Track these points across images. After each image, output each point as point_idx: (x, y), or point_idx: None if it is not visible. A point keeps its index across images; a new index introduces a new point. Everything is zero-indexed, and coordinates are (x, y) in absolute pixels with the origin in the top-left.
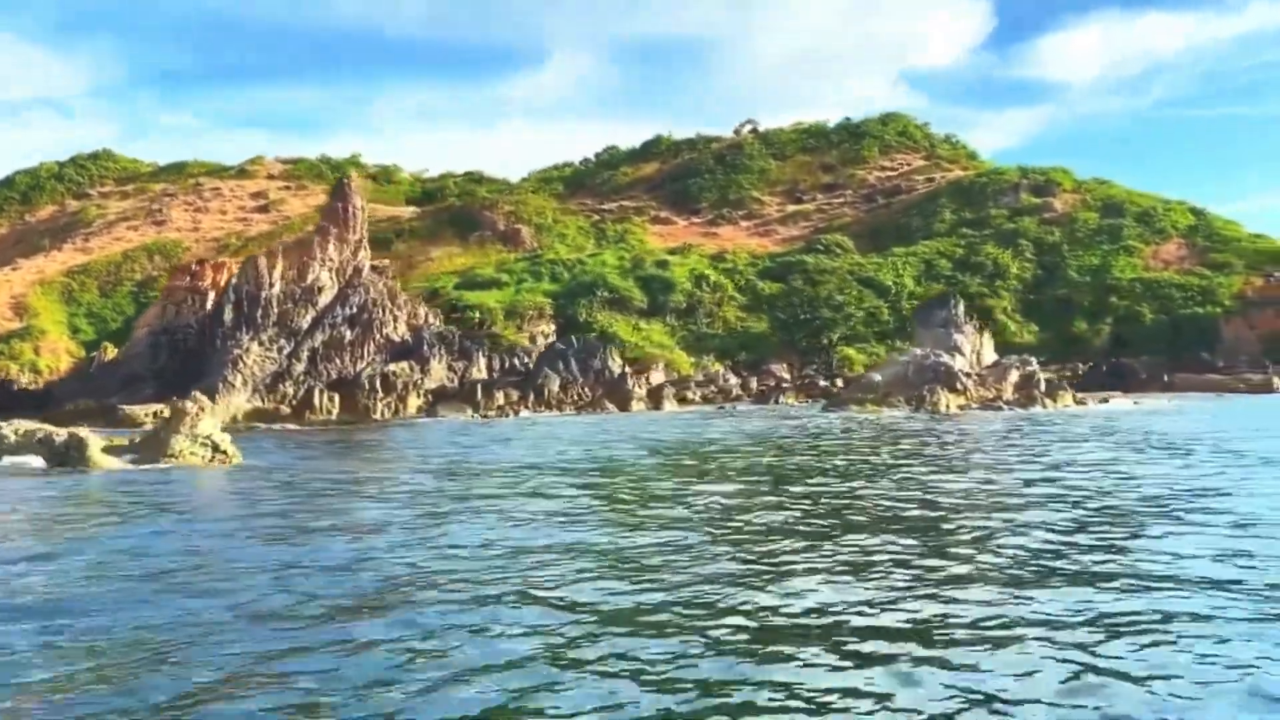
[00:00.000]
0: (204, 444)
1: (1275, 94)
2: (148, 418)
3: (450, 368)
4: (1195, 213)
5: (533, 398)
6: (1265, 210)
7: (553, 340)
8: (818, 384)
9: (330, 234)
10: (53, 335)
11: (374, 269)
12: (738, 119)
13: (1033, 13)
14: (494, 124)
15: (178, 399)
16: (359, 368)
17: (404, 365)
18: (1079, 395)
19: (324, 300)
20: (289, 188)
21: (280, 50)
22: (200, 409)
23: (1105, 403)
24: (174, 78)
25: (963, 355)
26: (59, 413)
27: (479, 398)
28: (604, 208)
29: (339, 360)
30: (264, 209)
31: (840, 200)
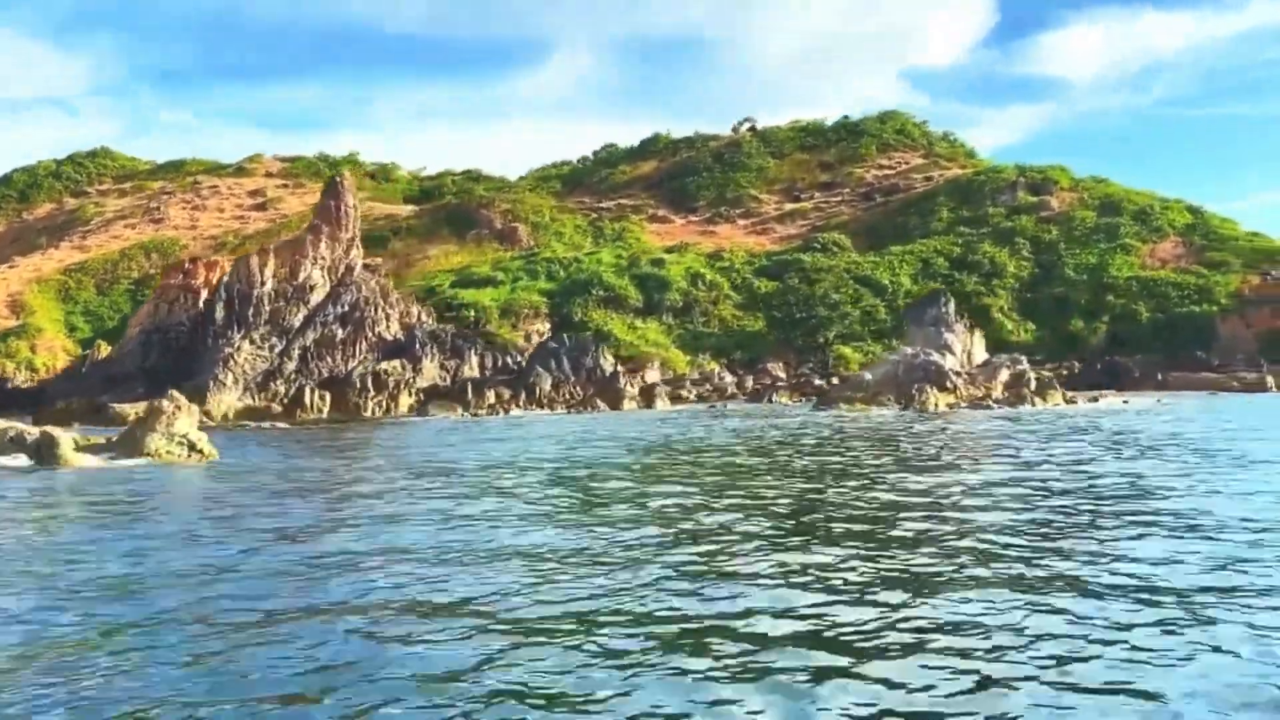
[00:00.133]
0: (180, 443)
1: (1276, 92)
2: (136, 416)
3: (443, 366)
4: (1192, 211)
5: (524, 396)
6: (1265, 209)
7: (546, 338)
8: (813, 383)
9: (323, 232)
10: (49, 333)
11: (366, 267)
12: (738, 118)
13: (1034, 10)
14: (494, 122)
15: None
16: (350, 366)
17: (396, 364)
18: (1069, 394)
19: (316, 298)
20: (287, 186)
21: (281, 48)
22: (177, 408)
23: (1095, 401)
24: (175, 76)
25: (953, 354)
26: (51, 411)
27: (470, 396)
28: (601, 206)
29: (331, 359)
30: (262, 207)
31: (838, 199)
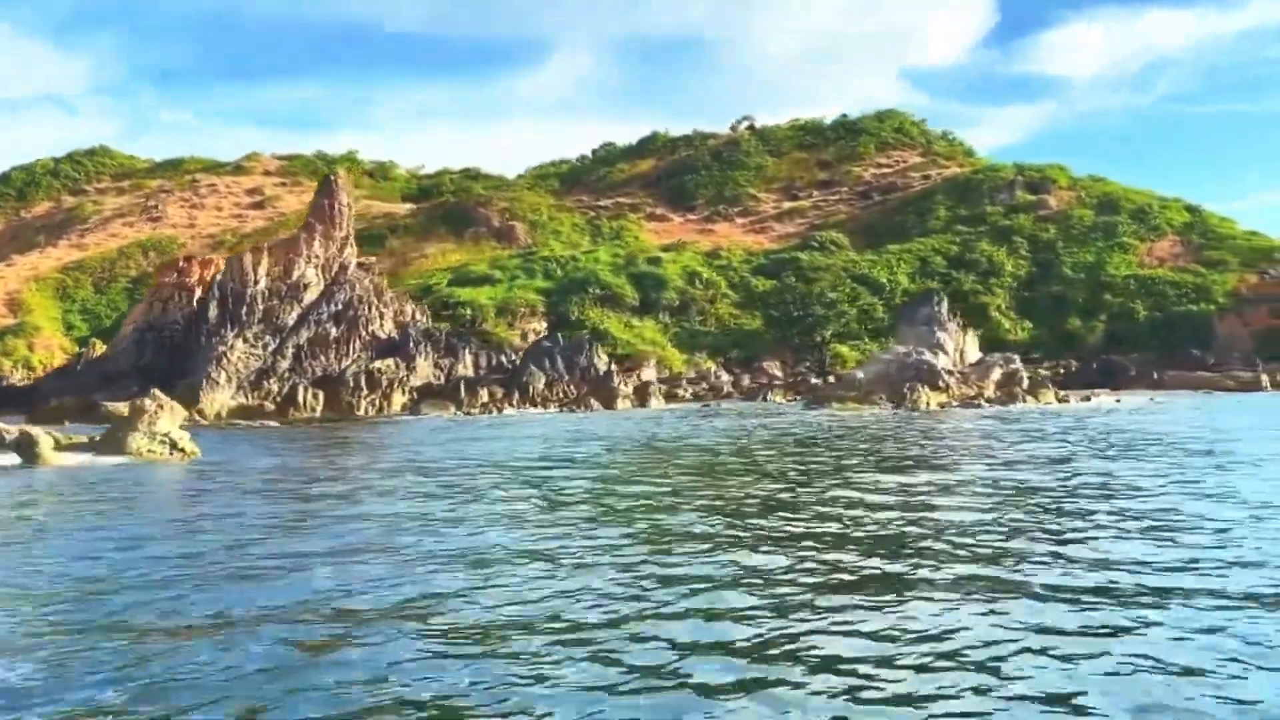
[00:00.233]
0: (162, 441)
1: (1277, 90)
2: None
3: (437, 365)
4: (1190, 210)
5: (518, 395)
6: (1265, 209)
7: (541, 337)
8: (809, 381)
9: (316, 231)
10: (47, 331)
11: (361, 266)
12: (737, 117)
13: (1034, 9)
14: (494, 122)
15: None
16: (344, 365)
17: (389, 362)
18: (1061, 393)
19: (309, 297)
20: (285, 184)
21: (281, 48)
22: (159, 407)
23: (1088, 400)
24: (175, 75)
25: (945, 353)
26: (45, 409)
27: (463, 395)
28: (600, 204)
29: (324, 357)
30: (260, 205)
31: (836, 197)
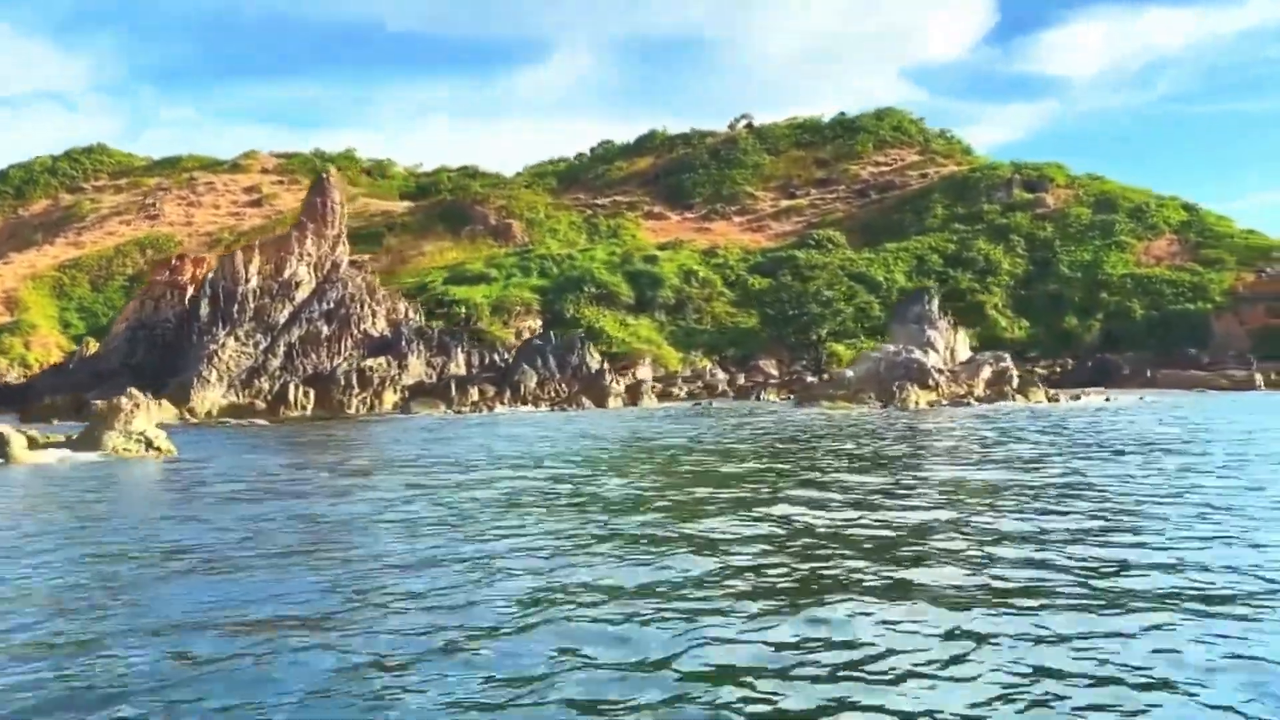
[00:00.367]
0: (138, 440)
1: (1276, 91)
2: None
3: (429, 363)
4: (1187, 208)
5: (509, 394)
6: (1264, 209)
7: (533, 336)
8: (804, 380)
9: (308, 229)
10: (43, 329)
11: (353, 264)
12: (736, 116)
13: (1035, 7)
14: (495, 121)
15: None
16: (335, 363)
17: (381, 361)
18: (1052, 392)
19: (301, 295)
20: (282, 182)
21: (281, 46)
22: (135, 406)
23: (1077, 399)
24: (176, 73)
25: (936, 351)
26: (36, 406)
27: (453, 393)
28: (597, 202)
29: (315, 355)
30: (257, 203)
31: (833, 195)
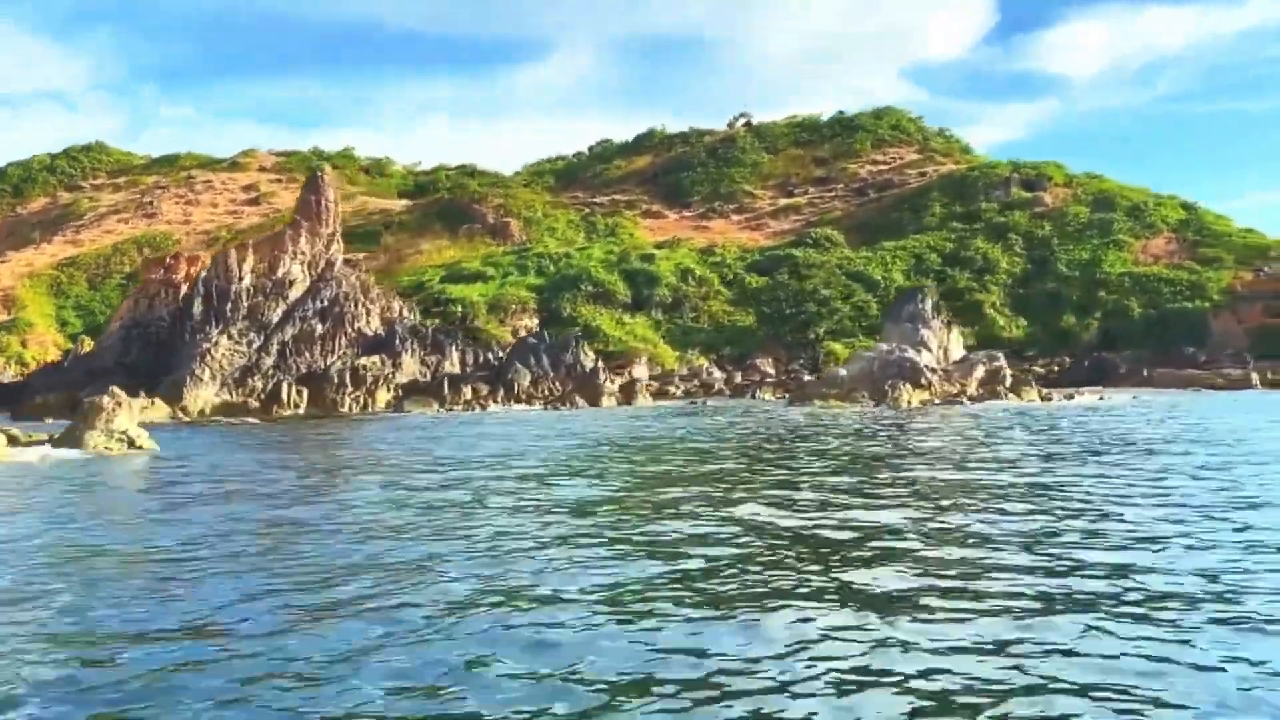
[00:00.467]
0: (120, 438)
1: (1276, 91)
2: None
3: (423, 362)
4: (1186, 207)
5: (502, 392)
6: (1264, 209)
7: (528, 334)
8: (801, 379)
9: (303, 227)
10: (41, 328)
11: (348, 262)
12: (735, 115)
13: (1035, 7)
14: (495, 120)
15: (144, 392)
16: (329, 362)
17: (375, 359)
18: (1045, 390)
19: (295, 294)
20: (280, 180)
21: (281, 45)
22: (117, 404)
23: (1070, 399)
24: (176, 72)
25: (929, 350)
26: (31, 405)
27: (446, 392)
28: (595, 201)
29: (309, 354)
30: (255, 202)
31: (832, 194)
